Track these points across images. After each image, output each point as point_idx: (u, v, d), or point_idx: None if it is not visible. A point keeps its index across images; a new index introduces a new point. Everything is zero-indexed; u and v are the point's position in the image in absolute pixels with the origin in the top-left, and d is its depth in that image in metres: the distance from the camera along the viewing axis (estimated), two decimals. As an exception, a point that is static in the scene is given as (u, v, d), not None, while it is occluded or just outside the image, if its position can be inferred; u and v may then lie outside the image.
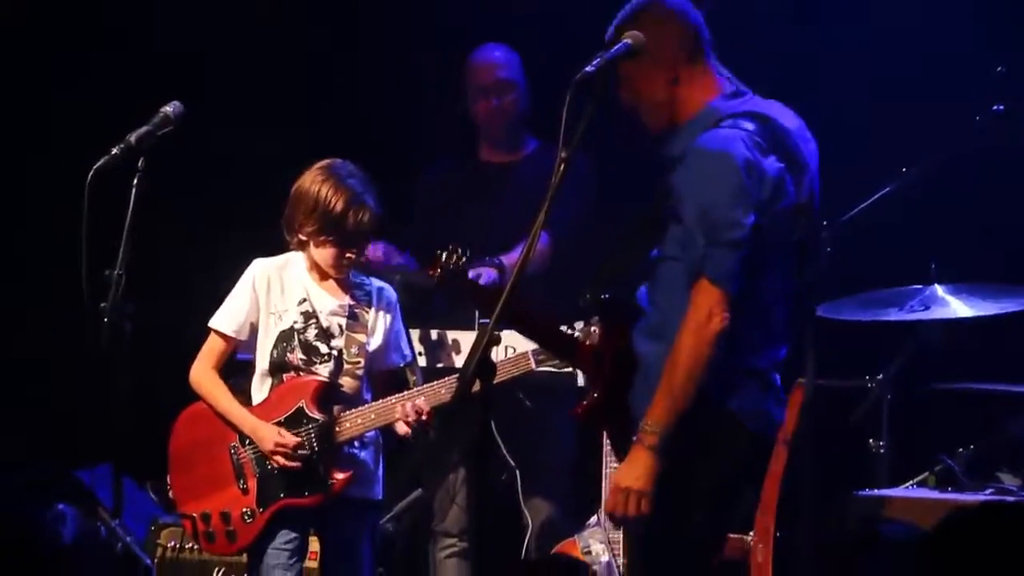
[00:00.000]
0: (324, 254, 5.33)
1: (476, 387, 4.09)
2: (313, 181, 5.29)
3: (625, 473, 4.32)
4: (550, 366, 5.42)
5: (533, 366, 5.37)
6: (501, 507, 6.21)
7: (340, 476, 5.29)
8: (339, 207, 5.24)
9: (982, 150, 5.88)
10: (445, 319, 6.10)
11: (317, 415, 5.30)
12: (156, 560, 6.15)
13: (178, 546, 6.18)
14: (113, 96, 6.86)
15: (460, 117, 6.59)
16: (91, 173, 4.79)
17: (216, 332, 5.40)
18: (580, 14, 6.70)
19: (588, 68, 4.26)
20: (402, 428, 5.30)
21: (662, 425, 4.27)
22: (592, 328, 5.15)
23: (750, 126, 4.38)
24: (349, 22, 7.31)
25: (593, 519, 6.01)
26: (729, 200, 4.29)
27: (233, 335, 5.37)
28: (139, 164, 4.87)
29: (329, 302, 5.38)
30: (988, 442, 5.86)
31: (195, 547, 6.11)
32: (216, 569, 6.14)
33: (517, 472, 6.26)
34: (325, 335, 5.35)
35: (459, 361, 5.98)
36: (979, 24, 6.46)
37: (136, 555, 5.92)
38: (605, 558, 5.94)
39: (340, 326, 5.37)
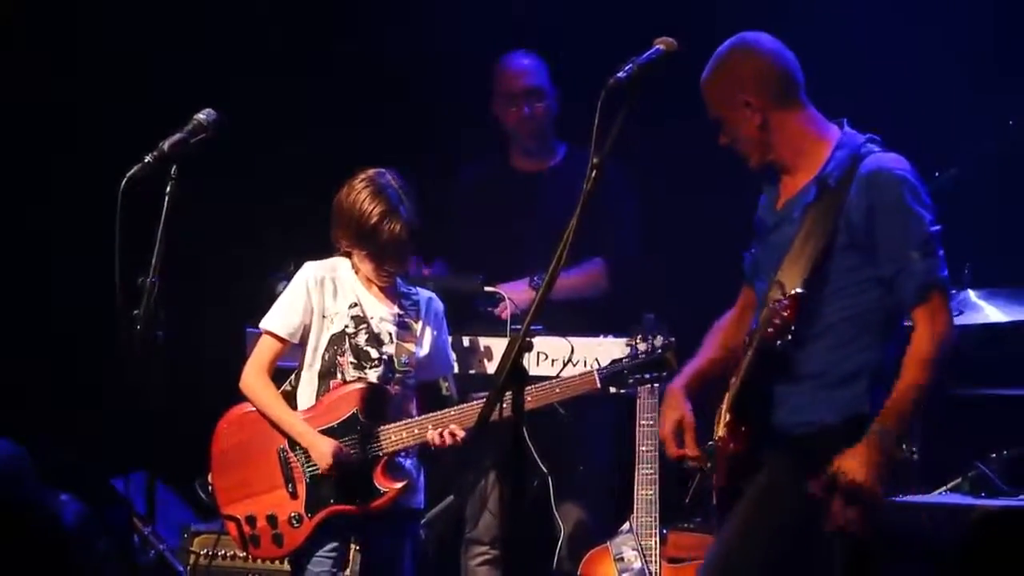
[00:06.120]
0: (365, 265, 5.37)
1: (507, 411, 4.09)
2: (349, 193, 5.31)
3: None
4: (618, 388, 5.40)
5: (598, 385, 5.35)
6: (533, 513, 6.20)
7: (395, 486, 5.29)
8: (372, 220, 5.26)
9: (1017, 153, 5.87)
10: (477, 326, 6.10)
11: (369, 422, 5.30)
12: (189, 567, 6.15)
13: (211, 553, 6.18)
14: (147, 101, 6.88)
15: (490, 123, 6.60)
16: (124, 181, 4.81)
17: (270, 334, 5.40)
18: (611, 16, 6.74)
19: (620, 74, 4.25)
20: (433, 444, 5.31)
21: None
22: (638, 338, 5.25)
23: None
24: (380, 25, 7.31)
25: (625, 526, 5.99)
26: None
27: (287, 338, 5.38)
28: (172, 171, 4.89)
29: (379, 309, 5.40)
30: (1023, 447, 5.83)
31: (228, 554, 6.12)
32: (248, 576, 6.15)
33: (549, 478, 6.25)
34: (376, 340, 5.37)
35: (491, 368, 5.98)
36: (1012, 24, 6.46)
37: (169, 563, 5.92)
38: (637, 565, 5.93)
39: (390, 333, 5.39)
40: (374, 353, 5.36)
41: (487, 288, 6.09)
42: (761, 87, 4.56)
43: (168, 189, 4.87)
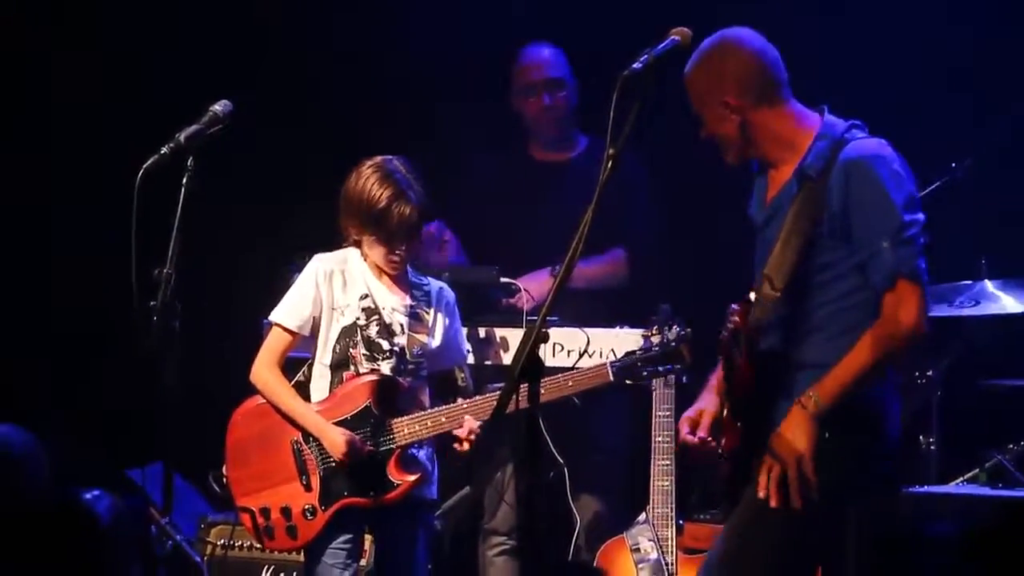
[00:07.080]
0: (375, 252, 5.35)
1: (522, 403, 4.09)
2: (357, 179, 5.30)
3: None
4: (631, 380, 5.39)
5: (610, 378, 5.34)
6: (549, 504, 6.20)
7: (409, 478, 5.28)
8: (381, 204, 5.24)
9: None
10: (493, 316, 6.10)
11: (382, 415, 5.30)
12: (205, 558, 6.16)
13: (227, 544, 6.19)
14: (163, 95, 6.89)
15: (508, 114, 6.59)
16: (140, 172, 4.82)
17: (279, 327, 5.39)
18: (627, 9, 6.73)
19: (635, 65, 4.24)
20: (461, 447, 5.31)
21: None
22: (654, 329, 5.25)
23: None
24: (382, 23, 7.30)
25: (641, 516, 6.00)
26: None
27: (297, 330, 5.37)
28: (188, 163, 4.89)
29: (390, 299, 5.39)
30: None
31: (244, 544, 6.13)
32: (265, 567, 6.14)
33: (565, 469, 6.25)
34: (387, 332, 5.36)
35: (507, 359, 5.98)
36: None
37: (186, 553, 5.93)
38: (654, 555, 5.93)
39: (402, 325, 5.37)
40: (386, 345, 5.35)
41: (503, 279, 6.09)
42: (741, 88, 4.52)
43: (184, 181, 4.88)
